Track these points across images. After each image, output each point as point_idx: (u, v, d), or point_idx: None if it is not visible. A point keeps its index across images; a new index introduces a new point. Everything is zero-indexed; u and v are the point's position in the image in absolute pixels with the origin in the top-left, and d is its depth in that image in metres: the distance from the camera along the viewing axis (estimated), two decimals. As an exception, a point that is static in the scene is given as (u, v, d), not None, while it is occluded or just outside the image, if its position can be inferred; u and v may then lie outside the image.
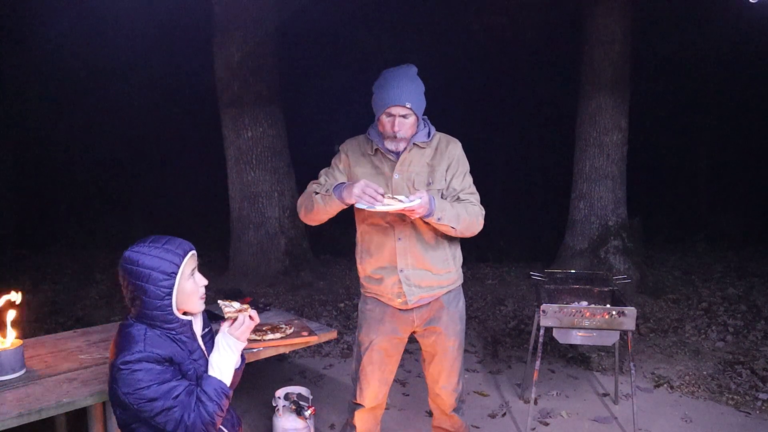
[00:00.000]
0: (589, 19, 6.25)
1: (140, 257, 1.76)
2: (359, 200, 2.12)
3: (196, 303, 1.88)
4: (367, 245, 2.42)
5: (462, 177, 2.39)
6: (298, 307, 5.60)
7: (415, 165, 2.35)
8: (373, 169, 2.37)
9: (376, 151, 2.37)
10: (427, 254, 2.35)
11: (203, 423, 1.78)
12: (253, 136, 6.42)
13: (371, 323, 2.48)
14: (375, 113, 2.32)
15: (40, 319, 5.24)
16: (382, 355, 2.48)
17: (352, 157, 2.41)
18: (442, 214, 2.21)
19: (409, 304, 2.38)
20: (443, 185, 2.36)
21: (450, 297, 2.46)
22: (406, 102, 2.22)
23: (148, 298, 1.76)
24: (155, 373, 1.73)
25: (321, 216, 2.34)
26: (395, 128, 2.25)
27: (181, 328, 1.85)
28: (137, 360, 1.72)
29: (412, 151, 2.35)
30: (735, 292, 5.87)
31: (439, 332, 2.46)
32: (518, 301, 5.81)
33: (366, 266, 2.44)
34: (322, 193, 2.30)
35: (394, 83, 2.24)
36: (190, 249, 1.86)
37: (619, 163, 6.27)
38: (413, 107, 2.24)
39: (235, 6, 6.20)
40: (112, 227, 9.13)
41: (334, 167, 2.44)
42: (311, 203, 2.33)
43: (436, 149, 2.37)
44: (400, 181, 2.33)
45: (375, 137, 2.36)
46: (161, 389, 1.73)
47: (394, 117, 2.24)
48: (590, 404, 3.69)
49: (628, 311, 3.04)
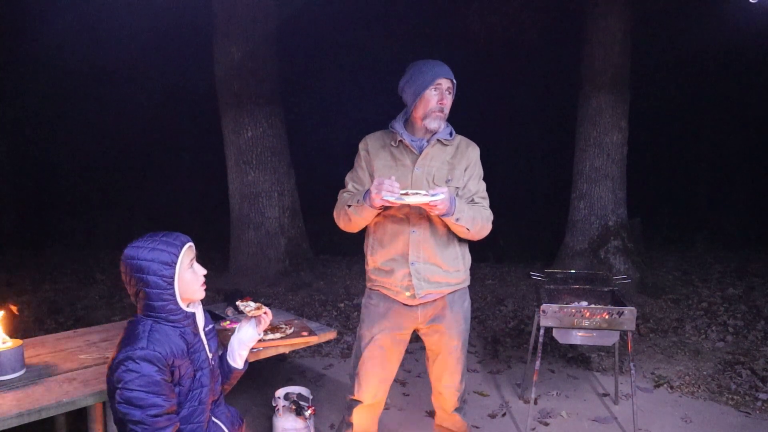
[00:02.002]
0: (589, 19, 6.25)
1: (139, 251, 1.81)
2: (378, 199, 2.14)
3: (197, 291, 1.93)
4: (380, 236, 2.42)
5: (477, 180, 2.44)
6: (298, 307, 5.60)
7: (436, 161, 2.37)
8: (393, 161, 2.39)
9: (399, 143, 2.39)
10: (439, 249, 2.37)
11: None
12: (253, 136, 6.42)
13: (374, 317, 2.47)
14: (413, 98, 2.34)
15: (40, 319, 5.24)
16: (383, 351, 2.48)
17: (372, 150, 2.42)
18: (461, 214, 2.25)
19: (416, 297, 2.38)
20: (461, 184, 2.39)
21: (455, 296, 2.47)
22: (452, 77, 2.33)
23: (150, 289, 1.81)
24: (146, 381, 1.74)
25: (360, 224, 2.39)
26: (444, 101, 2.32)
27: (185, 320, 1.88)
28: (139, 357, 1.74)
29: (435, 147, 2.38)
30: (735, 292, 5.88)
31: (443, 331, 2.46)
32: (518, 301, 5.81)
33: (377, 257, 2.43)
34: (354, 204, 2.31)
35: (436, 63, 2.34)
36: (188, 241, 1.91)
37: (619, 163, 6.27)
38: (455, 88, 2.35)
39: (235, 6, 6.20)
40: (112, 227, 9.14)
41: (356, 168, 2.46)
42: (347, 216, 2.36)
43: (457, 148, 2.42)
44: (420, 175, 2.35)
45: (399, 128, 2.39)
46: (147, 400, 1.73)
47: (442, 89, 2.32)
48: (590, 404, 3.69)
49: (628, 311, 3.04)
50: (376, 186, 2.14)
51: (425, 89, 2.31)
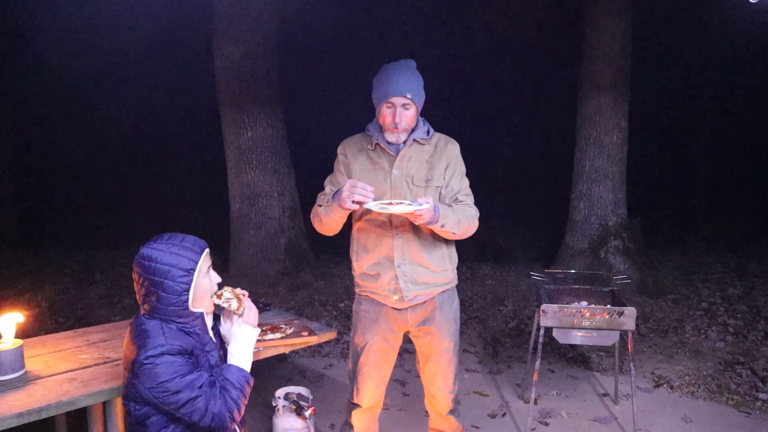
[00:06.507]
0: (589, 19, 6.25)
1: (158, 254, 1.79)
2: (348, 201, 2.12)
3: (208, 303, 1.93)
4: (364, 242, 2.41)
5: (460, 178, 2.41)
6: (298, 307, 5.60)
7: (414, 161, 2.35)
8: (370, 164, 2.37)
9: (375, 146, 2.37)
10: (425, 250, 2.36)
11: (229, 410, 1.82)
12: (253, 136, 6.42)
13: (366, 324, 2.47)
14: (375, 106, 2.33)
15: (40, 319, 5.23)
16: (378, 356, 2.48)
17: (350, 154, 2.41)
18: (446, 220, 2.23)
19: (405, 300, 2.37)
20: (442, 183, 2.37)
21: (444, 297, 2.46)
22: (407, 93, 2.25)
23: (165, 293, 1.79)
24: (177, 366, 1.76)
25: (332, 226, 2.36)
26: (396, 119, 2.27)
27: (194, 321, 1.88)
28: (160, 354, 1.75)
29: (412, 147, 2.36)
30: (735, 292, 5.88)
31: (433, 333, 2.46)
32: (518, 301, 5.81)
33: (362, 263, 2.43)
34: (324, 204, 2.31)
35: (394, 75, 2.27)
36: (206, 246, 1.90)
37: (619, 163, 6.27)
38: (413, 98, 2.27)
39: (235, 6, 6.20)
40: (112, 227, 9.13)
41: (335, 172, 2.45)
42: (318, 217, 2.35)
43: (436, 147, 2.39)
44: (398, 177, 2.33)
45: (374, 132, 2.37)
46: (184, 381, 1.75)
47: (395, 107, 2.27)
48: (590, 404, 3.69)
49: (628, 311, 3.04)
50: (349, 188, 2.12)
51: (380, 105, 2.30)
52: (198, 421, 1.78)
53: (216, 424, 1.81)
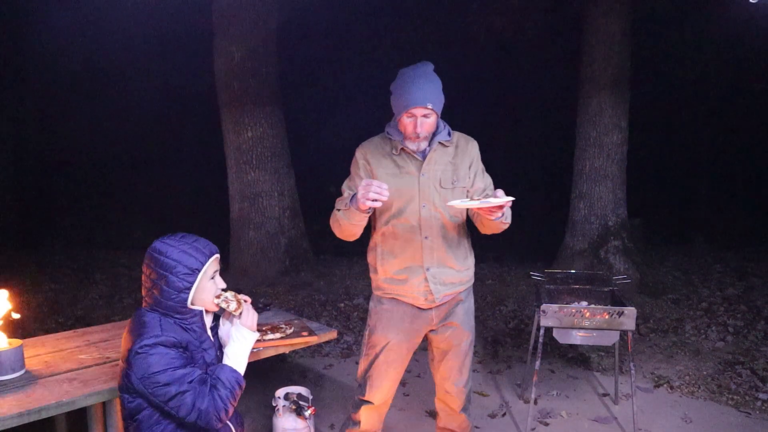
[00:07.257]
0: (589, 19, 6.24)
1: (169, 249, 1.85)
2: (364, 200, 2.06)
3: (210, 303, 1.95)
4: (390, 247, 2.40)
5: (483, 174, 2.45)
6: (298, 307, 5.60)
7: (439, 164, 2.36)
8: (396, 169, 2.35)
9: (401, 151, 2.35)
10: (451, 251, 2.39)
11: (216, 410, 1.82)
12: (253, 136, 6.42)
13: (389, 323, 2.46)
14: (395, 113, 2.32)
15: (40, 319, 5.24)
16: (397, 355, 2.49)
17: (373, 159, 2.37)
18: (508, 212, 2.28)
19: (436, 301, 2.39)
20: (467, 183, 2.39)
21: (466, 293, 2.51)
22: (428, 103, 2.23)
23: (167, 287, 1.83)
24: (169, 358, 1.78)
25: (351, 230, 2.32)
26: (417, 129, 2.26)
27: (192, 318, 1.91)
28: (153, 344, 1.77)
29: (437, 150, 2.36)
30: (735, 292, 5.87)
31: (456, 326, 2.48)
32: (518, 301, 5.81)
33: (388, 268, 2.41)
34: (342, 209, 2.27)
35: (414, 85, 2.24)
36: (216, 251, 1.95)
37: (619, 163, 6.27)
38: (434, 107, 2.26)
39: (235, 6, 6.20)
40: (112, 227, 9.14)
41: (353, 176, 2.41)
42: (338, 222, 2.32)
43: (457, 147, 2.40)
44: (426, 181, 2.33)
45: (397, 136, 2.35)
46: (175, 374, 1.77)
47: (416, 118, 2.25)
48: (590, 404, 3.69)
49: (628, 311, 3.04)
50: (364, 187, 2.07)
51: (400, 115, 2.28)
52: (184, 417, 1.80)
53: (201, 422, 1.82)
